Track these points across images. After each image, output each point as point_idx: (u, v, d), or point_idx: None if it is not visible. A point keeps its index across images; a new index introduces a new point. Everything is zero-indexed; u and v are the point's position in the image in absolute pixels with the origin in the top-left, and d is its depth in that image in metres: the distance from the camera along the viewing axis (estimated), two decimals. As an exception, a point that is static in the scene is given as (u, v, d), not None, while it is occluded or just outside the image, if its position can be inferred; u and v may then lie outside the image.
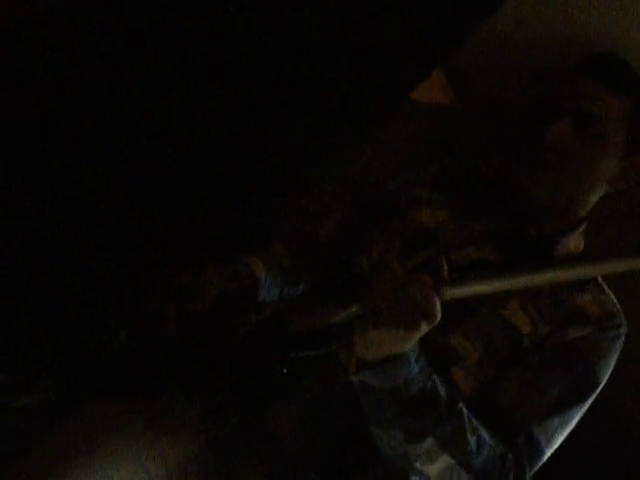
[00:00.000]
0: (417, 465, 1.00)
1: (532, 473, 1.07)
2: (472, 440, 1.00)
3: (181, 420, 1.01)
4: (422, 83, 1.64)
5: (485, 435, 1.02)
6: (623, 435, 2.18)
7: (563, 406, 1.09)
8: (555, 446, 1.11)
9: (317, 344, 1.06)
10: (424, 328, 0.93)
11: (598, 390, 1.13)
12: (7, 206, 1.30)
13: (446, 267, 0.95)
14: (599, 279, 1.20)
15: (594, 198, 1.21)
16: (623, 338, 1.16)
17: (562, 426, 1.10)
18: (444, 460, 0.99)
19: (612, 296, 1.20)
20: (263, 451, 1.03)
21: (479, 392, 1.10)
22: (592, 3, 1.59)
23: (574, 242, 1.21)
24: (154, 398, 1.02)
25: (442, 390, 0.99)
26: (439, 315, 0.93)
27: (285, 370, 1.06)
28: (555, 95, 1.17)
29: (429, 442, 0.98)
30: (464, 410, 1.01)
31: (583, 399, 1.11)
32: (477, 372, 1.11)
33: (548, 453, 1.10)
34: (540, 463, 1.09)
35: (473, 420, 1.02)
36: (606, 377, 1.14)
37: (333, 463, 1.05)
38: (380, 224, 1.24)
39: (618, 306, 1.19)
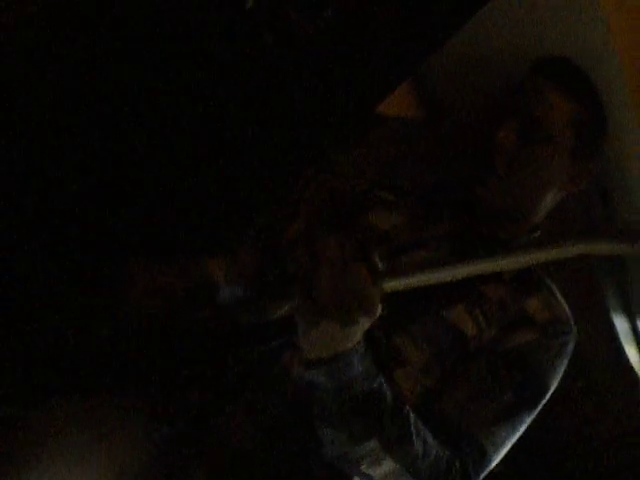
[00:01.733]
0: (362, 467, 0.98)
1: (479, 478, 1.06)
2: (418, 444, 0.98)
3: (130, 421, 1.00)
4: (390, 95, 1.68)
5: (431, 440, 1.00)
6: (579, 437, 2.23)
7: (511, 414, 1.08)
8: (502, 453, 1.10)
9: (259, 340, 1.05)
10: (363, 321, 0.91)
11: (547, 396, 1.13)
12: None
13: (379, 260, 0.93)
14: (550, 285, 1.19)
15: (545, 204, 1.21)
16: (572, 344, 1.16)
17: (509, 434, 1.09)
18: (388, 464, 0.97)
19: (562, 301, 1.19)
20: (214, 453, 1.02)
21: (424, 396, 1.09)
22: (563, 18, 1.64)
23: None
24: (101, 399, 1.01)
25: (388, 392, 0.98)
26: (377, 307, 0.91)
27: (235, 366, 1.05)
28: (505, 99, 1.18)
29: (372, 444, 0.96)
30: (410, 414, 1.00)
31: (531, 406, 1.11)
32: (422, 376, 1.10)
33: (495, 461, 1.09)
34: (486, 471, 1.09)
35: (420, 424, 1.00)
36: (555, 383, 1.14)
37: (281, 465, 1.04)
38: (337, 226, 1.24)
39: (568, 311, 1.19)
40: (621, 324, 2.05)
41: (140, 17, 1.38)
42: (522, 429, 1.11)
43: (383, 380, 0.98)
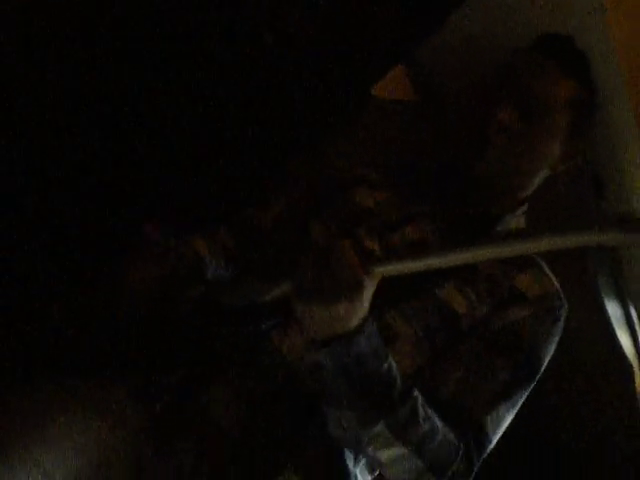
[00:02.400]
0: (369, 450, 0.98)
1: (481, 459, 1.07)
2: (426, 427, 0.98)
3: (116, 399, 0.99)
4: (382, 79, 1.68)
5: (437, 422, 1.01)
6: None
7: (508, 392, 1.09)
8: (501, 431, 1.10)
9: (248, 321, 1.05)
10: (351, 305, 0.91)
11: (541, 371, 1.14)
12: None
13: (376, 245, 0.95)
14: (539, 261, 1.20)
15: (536, 179, 1.23)
16: (563, 320, 1.17)
17: (508, 412, 1.09)
18: (397, 447, 0.97)
19: (552, 276, 1.20)
20: (199, 431, 1.01)
21: (417, 376, 1.08)
22: (560, 2, 1.64)
23: (515, 223, 1.22)
24: (88, 378, 1.00)
25: (398, 374, 0.97)
26: (366, 292, 0.91)
27: (221, 347, 1.04)
28: (504, 76, 1.19)
29: (381, 427, 0.96)
30: (419, 396, 0.99)
31: (527, 383, 1.11)
32: (414, 353, 1.10)
33: (495, 439, 1.09)
34: (488, 449, 1.09)
35: (427, 407, 1.00)
36: (548, 357, 1.15)
37: (271, 446, 1.03)
38: (322, 205, 1.23)
39: (558, 286, 1.19)
40: (614, 310, 2.05)
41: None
42: (519, 405, 1.12)
43: (393, 362, 0.97)
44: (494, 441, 1.09)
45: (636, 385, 2.13)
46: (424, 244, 1.15)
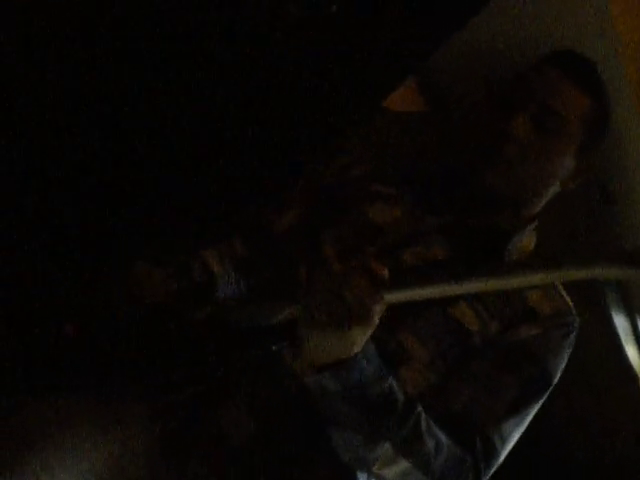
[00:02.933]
0: (374, 469, 0.98)
1: (488, 475, 1.07)
2: (430, 443, 0.98)
3: (129, 415, 1.00)
4: (394, 92, 1.70)
5: (443, 438, 1.00)
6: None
7: (518, 408, 1.08)
8: (510, 447, 1.10)
9: (258, 343, 1.05)
10: (361, 331, 0.91)
11: (551, 387, 1.13)
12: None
13: (386, 271, 0.91)
14: None
15: (546, 194, 1.21)
16: (575, 334, 1.17)
17: (517, 427, 1.09)
18: (402, 464, 0.98)
19: (564, 292, 1.19)
20: (211, 448, 1.01)
21: (430, 394, 1.08)
22: (564, 16, 1.65)
23: (526, 239, 1.21)
24: (101, 392, 1.01)
25: (399, 393, 0.98)
26: (375, 319, 0.91)
27: (232, 365, 1.05)
28: (519, 88, 1.18)
29: (386, 446, 0.96)
30: (422, 413, 0.99)
31: (537, 399, 1.11)
32: (428, 372, 1.09)
33: (504, 454, 1.09)
34: (497, 465, 1.09)
35: (431, 423, 1.00)
36: (559, 373, 1.14)
37: (283, 465, 1.03)
38: (334, 219, 1.23)
39: (570, 302, 1.19)
40: (621, 322, 2.06)
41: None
42: (528, 420, 1.12)
43: (394, 381, 0.97)
44: (502, 456, 1.09)
45: (642, 396, 2.13)
46: (435, 264, 1.15)
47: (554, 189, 1.22)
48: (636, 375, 2.10)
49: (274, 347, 1.05)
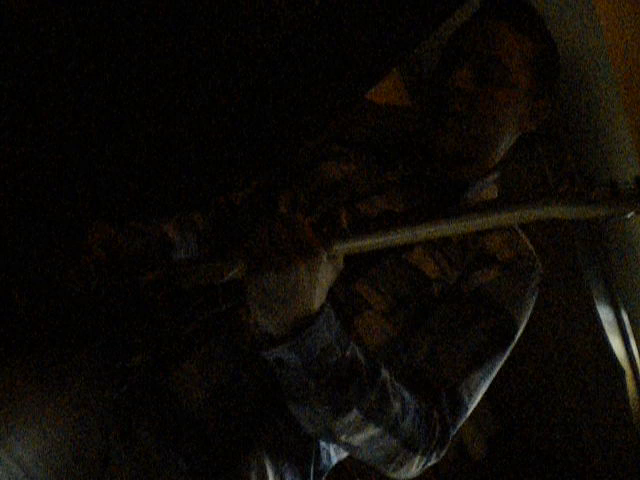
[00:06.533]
0: (342, 438, 0.94)
1: (457, 427, 1.02)
2: (396, 404, 0.94)
3: (79, 380, 0.98)
4: (377, 84, 1.70)
5: (408, 397, 0.97)
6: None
7: (483, 359, 1.04)
8: (478, 399, 1.06)
9: (209, 303, 1.02)
10: (309, 275, 0.85)
11: (517, 336, 1.09)
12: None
13: (344, 219, 0.89)
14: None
15: (504, 143, 1.18)
16: (538, 280, 1.12)
17: (484, 379, 1.05)
18: (370, 429, 0.93)
19: (525, 238, 1.15)
20: (161, 410, 0.98)
21: (391, 346, 1.05)
22: (554, 11, 1.65)
23: (488, 191, 1.18)
24: (50, 357, 0.99)
25: (362, 357, 0.93)
26: (324, 264, 0.86)
27: (184, 328, 1.02)
28: (458, 40, 1.15)
29: (354, 414, 0.92)
30: (387, 375, 0.95)
31: (502, 348, 1.07)
32: (386, 323, 1.06)
33: (472, 407, 1.05)
34: (464, 419, 1.05)
35: (395, 382, 0.96)
36: (524, 322, 1.10)
37: (240, 424, 0.99)
38: (290, 183, 1.20)
39: (531, 247, 1.14)
40: (605, 315, 2.07)
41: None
42: (495, 372, 1.07)
43: (356, 346, 0.93)
44: (470, 409, 1.05)
45: (627, 389, 2.14)
46: (393, 215, 1.12)
47: (511, 135, 1.19)
48: (621, 367, 2.11)
49: (224, 306, 1.01)
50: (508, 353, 1.07)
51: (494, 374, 1.07)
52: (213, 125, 1.53)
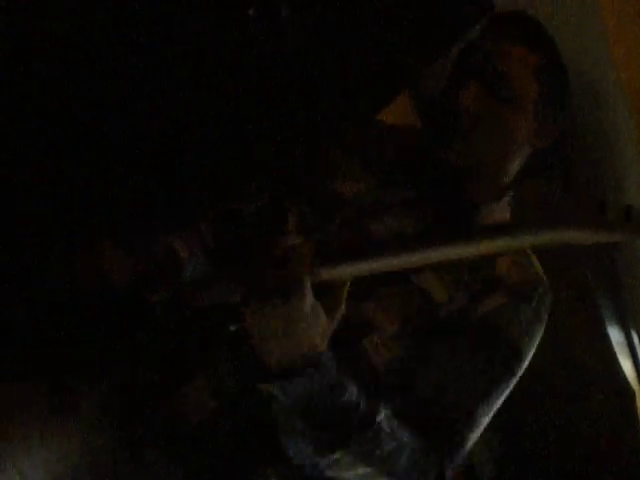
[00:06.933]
0: (330, 472, 0.94)
1: (456, 464, 1.01)
2: (391, 446, 0.93)
3: (85, 400, 0.98)
4: (388, 104, 1.70)
5: (406, 437, 0.96)
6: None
7: (487, 392, 1.03)
8: (479, 433, 1.05)
9: (218, 323, 1.01)
10: (299, 312, 0.83)
11: (523, 366, 1.07)
12: None
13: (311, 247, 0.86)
14: None
15: (515, 163, 1.17)
16: (546, 307, 1.10)
17: (486, 413, 1.04)
18: (360, 468, 0.93)
19: (534, 259, 1.14)
20: (170, 428, 0.98)
21: (398, 369, 1.04)
22: (561, 22, 1.65)
23: (499, 213, 1.17)
24: (56, 377, 0.98)
25: (361, 401, 0.91)
26: (307, 293, 0.84)
27: (193, 346, 1.02)
28: (463, 59, 1.16)
29: (339, 454, 0.91)
30: (385, 415, 0.94)
31: (507, 379, 1.06)
32: (394, 345, 1.05)
33: (470, 444, 1.04)
34: (462, 459, 1.03)
35: (395, 423, 0.95)
36: (531, 351, 1.08)
37: (247, 441, 1.00)
38: (299, 198, 1.20)
39: (541, 271, 1.13)
40: (616, 336, 2.06)
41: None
42: (499, 404, 1.06)
43: (356, 389, 0.91)
44: (468, 447, 1.03)
45: (638, 411, 2.12)
46: (404, 237, 1.10)
47: (522, 153, 1.18)
48: (632, 390, 2.09)
49: (232, 327, 1.00)
50: (513, 384, 1.06)
51: (498, 406, 1.05)
52: (225, 139, 1.54)
